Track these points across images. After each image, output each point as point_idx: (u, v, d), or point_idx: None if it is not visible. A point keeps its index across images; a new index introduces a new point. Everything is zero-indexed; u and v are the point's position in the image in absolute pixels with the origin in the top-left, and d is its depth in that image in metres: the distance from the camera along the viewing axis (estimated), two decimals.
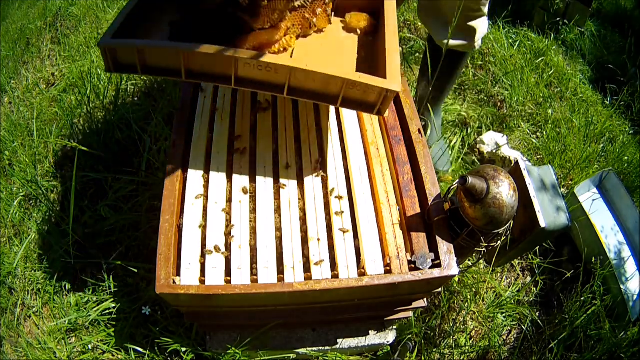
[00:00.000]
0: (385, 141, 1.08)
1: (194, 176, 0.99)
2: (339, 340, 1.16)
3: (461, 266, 1.31)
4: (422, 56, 1.98)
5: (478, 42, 1.30)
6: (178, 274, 0.87)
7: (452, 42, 1.26)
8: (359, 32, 1.06)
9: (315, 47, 1.01)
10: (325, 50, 1.01)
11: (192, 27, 0.93)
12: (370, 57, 1.00)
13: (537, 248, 1.47)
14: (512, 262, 1.48)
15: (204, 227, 0.92)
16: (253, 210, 0.96)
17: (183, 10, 0.97)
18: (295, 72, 0.81)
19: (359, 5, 1.09)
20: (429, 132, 1.55)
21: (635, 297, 1.33)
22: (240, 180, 1.00)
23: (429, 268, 0.87)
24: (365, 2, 1.07)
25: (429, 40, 1.41)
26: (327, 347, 1.15)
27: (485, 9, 1.23)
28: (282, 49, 0.94)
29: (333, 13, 1.07)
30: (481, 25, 1.26)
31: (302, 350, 1.14)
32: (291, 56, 0.96)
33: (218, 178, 1.00)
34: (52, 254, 1.38)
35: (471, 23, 1.24)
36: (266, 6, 0.94)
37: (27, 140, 1.70)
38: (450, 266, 0.87)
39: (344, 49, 1.02)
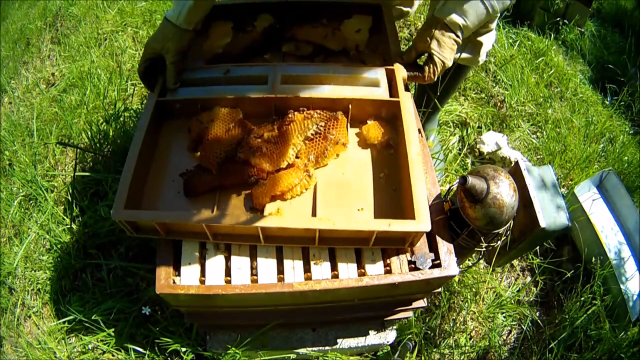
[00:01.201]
0: None
1: None
2: (339, 340, 1.16)
3: (461, 266, 1.31)
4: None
5: (482, 57, 1.31)
6: (178, 274, 0.87)
7: (457, 55, 1.27)
8: (377, 146, 0.97)
9: (336, 179, 0.93)
10: (347, 181, 0.93)
11: (206, 180, 0.90)
12: (394, 176, 0.93)
13: (537, 248, 1.47)
14: (512, 262, 1.48)
15: None
16: None
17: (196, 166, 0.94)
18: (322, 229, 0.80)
19: (374, 114, 1.00)
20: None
21: (635, 297, 1.33)
22: None
23: (429, 268, 0.87)
24: (380, 110, 0.99)
25: None
26: (327, 347, 1.15)
27: (494, 25, 1.24)
28: (303, 190, 0.90)
29: (348, 128, 0.99)
30: (487, 41, 1.27)
31: (302, 350, 1.14)
32: (314, 195, 0.90)
33: None
34: (52, 254, 1.38)
35: (479, 38, 1.25)
36: (280, 143, 0.92)
37: (27, 140, 1.70)
38: (450, 266, 0.87)
39: (366, 175, 0.94)
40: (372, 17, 1.19)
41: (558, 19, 2.31)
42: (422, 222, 0.79)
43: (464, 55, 1.28)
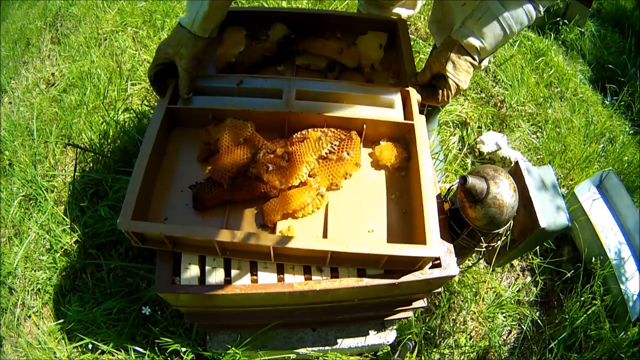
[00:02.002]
0: None
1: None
2: (339, 340, 1.16)
3: (461, 266, 1.31)
4: (419, 61, 1.97)
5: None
6: (178, 274, 0.87)
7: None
8: (390, 168, 0.97)
9: (347, 199, 0.93)
10: (359, 201, 0.93)
11: (216, 194, 0.89)
12: (405, 199, 0.93)
13: (537, 248, 1.47)
14: (512, 262, 1.48)
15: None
16: None
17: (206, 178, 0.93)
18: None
19: (387, 135, 0.99)
20: None
21: (635, 297, 1.33)
22: None
23: (429, 268, 0.87)
24: (394, 132, 0.99)
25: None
26: (327, 347, 1.15)
27: None
28: (315, 210, 0.90)
29: (361, 148, 0.98)
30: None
31: (302, 350, 1.14)
32: (325, 214, 0.90)
33: None
34: (52, 254, 1.38)
35: None
36: (293, 161, 0.90)
37: (27, 140, 1.70)
38: (450, 266, 0.87)
39: (377, 197, 0.93)
40: (387, 33, 1.18)
41: (558, 19, 2.31)
42: (432, 247, 0.80)
43: None
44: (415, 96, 1.00)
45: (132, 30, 2.10)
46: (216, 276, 0.86)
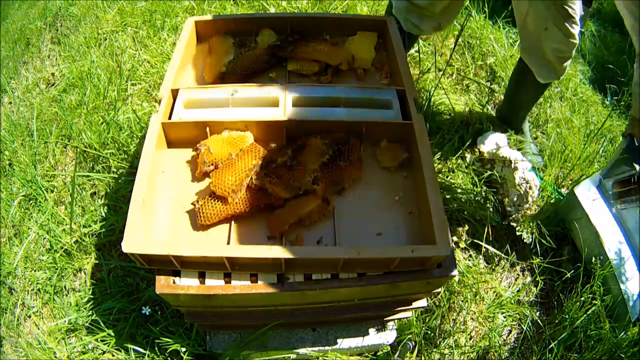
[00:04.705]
0: None
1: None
2: (339, 340, 1.16)
3: (461, 266, 1.32)
4: (418, 61, 1.97)
5: (561, 75, 1.47)
6: (178, 274, 0.87)
7: (547, 79, 1.45)
8: (392, 169, 0.98)
9: (352, 203, 0.93)
10: (364, 205, 0.92)
11: (220, 208, 0.86)
12: (410, 199, 0.93)
13: (537, 248, 1.47)
14: (512, 261, 1.48)
15: None
16: None
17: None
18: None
19: (387, 136, 0.99)
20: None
21: (635, 297, 1.33)
22: None
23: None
24: (394, 132, 0.98)
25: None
26: (327, 347, 1.15)
27: (573, 53, 1.37)
28: (322, 217, 0.89)
29: (362, 149, 0.98)
30: (568, 66, 1.43)
31: (302, 350, 1.14)
32: (333, 221, 0.90)
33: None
34: (52, 254, 1.38)
35: (564, 64, 1.39)
36: (296, 169, 0.90)
37: (27, 140, 1.70)
38: (450, 266, 0.87)
39: (381, 199, 0.93)
40: (377, 33, 1.18)
41: None
42: (442, 246, 0.80)
43: (552, 78, 1.43)
44: (412, 95, 1.00)
45: (132, 30, 2.10)
46: (216, 276, 0.86)
